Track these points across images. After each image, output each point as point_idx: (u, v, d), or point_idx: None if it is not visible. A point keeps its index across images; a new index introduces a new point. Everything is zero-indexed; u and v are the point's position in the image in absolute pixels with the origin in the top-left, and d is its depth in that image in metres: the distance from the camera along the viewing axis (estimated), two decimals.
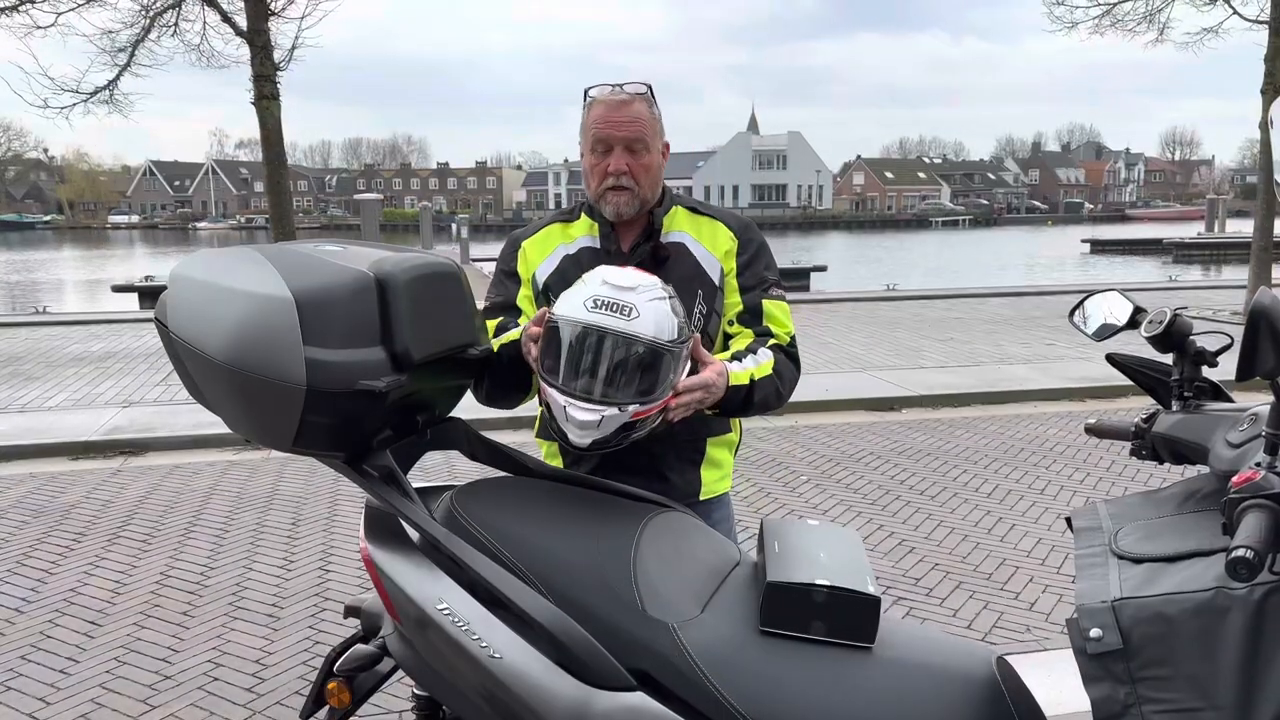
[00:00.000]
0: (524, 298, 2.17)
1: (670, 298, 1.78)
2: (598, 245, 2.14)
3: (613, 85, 2.07)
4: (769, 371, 2.02)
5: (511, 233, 2.32)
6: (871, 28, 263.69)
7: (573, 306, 1.73)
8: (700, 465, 2.16)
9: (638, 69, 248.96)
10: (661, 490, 2.06)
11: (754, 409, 2.02)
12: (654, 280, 1.79)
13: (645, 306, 1.72)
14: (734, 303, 2.13)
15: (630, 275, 1.77)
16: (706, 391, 1.85)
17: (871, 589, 1.57)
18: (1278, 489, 1.25)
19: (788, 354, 2.10)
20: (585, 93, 2.09)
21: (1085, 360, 9.16)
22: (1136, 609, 1.31)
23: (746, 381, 1.97)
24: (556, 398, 1.71)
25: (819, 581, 1.55)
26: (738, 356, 2.03)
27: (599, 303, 1.71)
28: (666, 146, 2.14)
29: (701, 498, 2.17)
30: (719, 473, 2.20)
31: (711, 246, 2.14)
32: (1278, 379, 1.36)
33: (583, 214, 2.20)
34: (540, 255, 2.18)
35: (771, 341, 2.10)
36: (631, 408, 1.70)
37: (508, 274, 2.22)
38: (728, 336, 2.14)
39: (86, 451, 6.56)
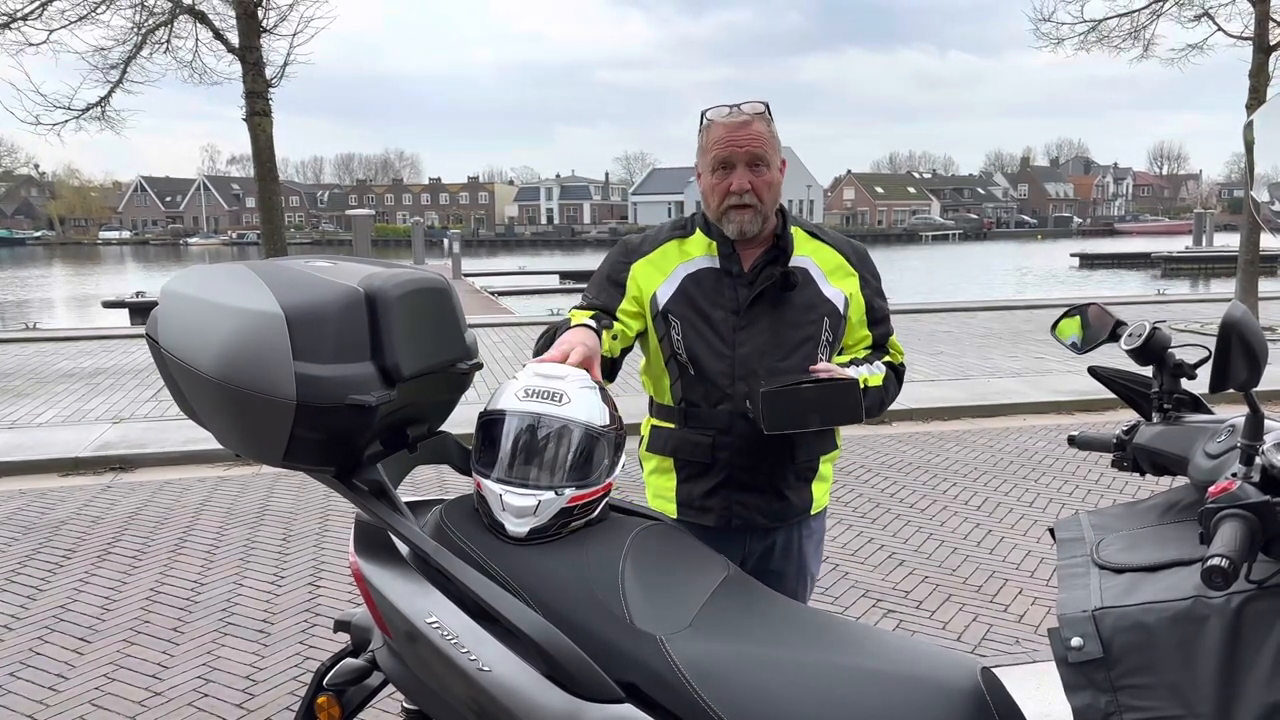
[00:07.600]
0: (626, 311, 2.13)
1: (597, 387, 1.79)
2: (718, 265, 2.14)
3: (730, 106, 2.07)
4: (879, 383, 2.14)
5: (625, 236, 2.29)
6: (857, 43, 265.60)
7: (505, 399, 1.74)
8: (813, 481, 2.21)
9: (628, 85, 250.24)
10: (780, 509, 2.14)
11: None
12: (581, 372, 1.80)
13: (576, 393, 1.73)
14: (864, 336, 2.22)
15: (559, 366, 1.79)
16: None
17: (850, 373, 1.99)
18: (1253, 499, 1.27)
19: (896, 373, 2.25)
20: (702, 115, 2.09)
21: (1074, 374, 9.20)
22: (1117, 618, 1.32)
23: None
24: (492, 488, 1.70)
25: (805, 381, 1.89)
26: (855, 363, 2.14)
27: (530, 392, 1.72)
28: (784, 163, 2.14)
29: (813, 512, 2.22)
30: (825, 486, 2.25)
31: (833, 276, 2.18)
32: (1251, 390, 1.38)
33: (698, 230, 2.18)
34: (660, 275, 2.15)
35: (886, 359, 2.24)
36: (568, 492, 1.69)
37: (614, 281, 2.16)
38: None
39: (77, 467, 6.55)
